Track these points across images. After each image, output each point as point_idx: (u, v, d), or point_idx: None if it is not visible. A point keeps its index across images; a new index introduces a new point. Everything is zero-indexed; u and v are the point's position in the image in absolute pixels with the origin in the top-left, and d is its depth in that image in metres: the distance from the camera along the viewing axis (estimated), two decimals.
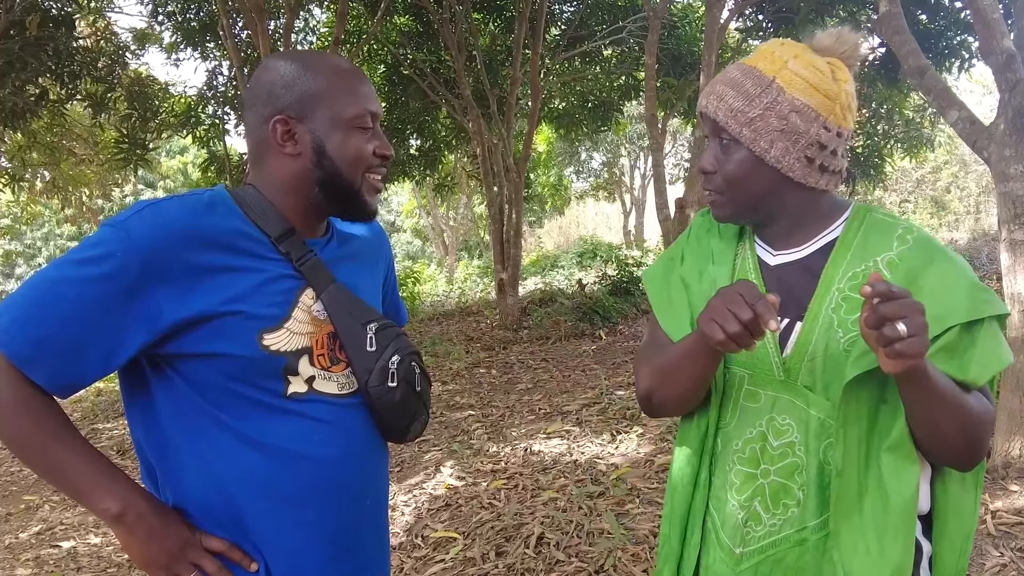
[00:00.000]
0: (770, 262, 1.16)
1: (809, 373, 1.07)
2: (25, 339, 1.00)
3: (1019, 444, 3.23)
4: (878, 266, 1.07)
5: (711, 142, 1.13)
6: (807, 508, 1.06)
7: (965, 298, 1.01)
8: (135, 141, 9.87)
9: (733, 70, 1.11)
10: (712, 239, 1.24)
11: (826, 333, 1.06)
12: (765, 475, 1.08)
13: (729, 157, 1.10)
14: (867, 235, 1.11)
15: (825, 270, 1.10)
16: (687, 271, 1.23)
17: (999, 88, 3.35)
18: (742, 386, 1.13)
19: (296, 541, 1.12)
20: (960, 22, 7.62)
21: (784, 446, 1.08)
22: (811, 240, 1.14)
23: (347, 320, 1.16)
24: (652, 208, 8.68)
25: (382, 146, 1.18)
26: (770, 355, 1.09)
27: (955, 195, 15.87)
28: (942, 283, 1.03)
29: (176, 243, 1.04)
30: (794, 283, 1.12)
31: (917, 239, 1.08)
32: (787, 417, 1.08)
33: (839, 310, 1.06)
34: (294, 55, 1.19)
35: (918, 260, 1.05)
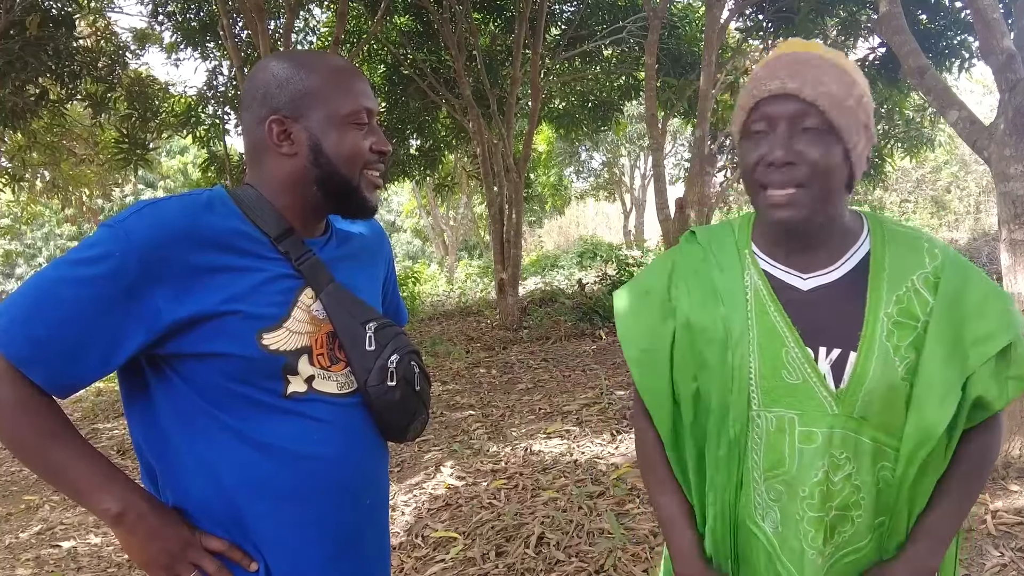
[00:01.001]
0: (802, 287, 1.08)
1: (866, 405, 1.03)
2: (24, 339, 1.00)
3: (1019, 444, 3.23)
4: (916, 286, 1.04)
5: (785, 129, 1.00)
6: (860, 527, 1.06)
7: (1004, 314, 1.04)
8: (135, 141, 9.87)
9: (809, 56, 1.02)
10: (712, 272, 1.13)
11: (884, 363, 1.01)
12: (828, 512, 1.05)
13: (816, 146, 0.99)
14: (896, 251, 1.07)
15: (869, 295, 1.04)
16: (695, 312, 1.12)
17: (999, 88, 3.35)
18: (794, 428, 1.05)
19: (296, 541, 1.12)
20: (960, 22, 7.63)
21: (843, 480, 1.04)
22: (841, 258, 1.08)
23: (346, 319, 1.16)
24: (652, 208, 8.68)
25: (379, 142, 1.18)
26: (817, 391, 1.04)
27: (955, 195, 15.87)
28: (982, 302, 1.04)
29: (175, 243, 1.04)
30: (836, 309, 1.05)
31: (945, 254, 1.07)
32: (843, 451, 1.04)
33: (892, 337, 1.02)
34: (289, 55, 1.19)
35: (955, 278, 1.04)
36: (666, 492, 1.19)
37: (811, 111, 0.99)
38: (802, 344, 1.05)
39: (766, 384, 1.06)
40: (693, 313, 1.12)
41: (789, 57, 1.02)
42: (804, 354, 1.05)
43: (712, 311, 1.10)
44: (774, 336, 1.06)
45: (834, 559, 1.06)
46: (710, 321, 1.10)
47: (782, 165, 1.00)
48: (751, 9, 8.35)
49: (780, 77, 1.00)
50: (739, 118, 1.06)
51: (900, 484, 1.04)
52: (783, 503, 1.06)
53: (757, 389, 1.06)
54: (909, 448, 1.02)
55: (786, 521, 1.06)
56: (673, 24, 9.83)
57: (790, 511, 1.05)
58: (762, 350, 1.06)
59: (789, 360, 1.05)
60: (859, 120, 1.02)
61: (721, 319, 1.09)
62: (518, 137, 11.95)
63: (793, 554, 1.06)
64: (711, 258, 1.14)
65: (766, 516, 1.08)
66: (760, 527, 1.09)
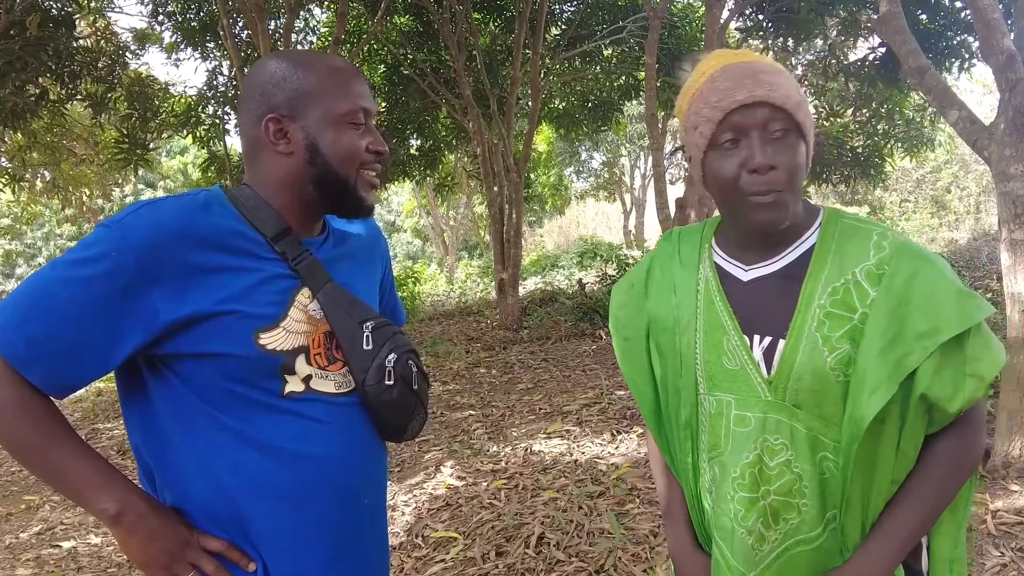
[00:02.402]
0: (743, 278, 1.12)
1: (796, 392, 1.05)
2: (22, 340, 1.00)
3: (1019, 444, 3.23)
4: (856, 278, 1.04)
5: (758, 136, 1.02)
6: (807, 517, 1.06)
7: (954, 306, 1.00)
8: (135, 141, 9.87)
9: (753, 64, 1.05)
10: (674, 267, 1.20)
11: (811, 352, 1.03)
12: (765, 496, 1.07)
13: (788, 149, 1.03)
14: (843, 244, 1.08)
15: (805, 285, 1.07)
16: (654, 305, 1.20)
17: (999, 88, 3.35)
18: (730, 411, 1.09)
19: (295, 540, 1.12)
20: (960, 22, 7.62)
21: (780, 465, 1.06)
22: (787, 249, 1.10)
23: (343, 319, 1.16)
24: (652, 208, 8.68)
25: (375, 142, 1.18)
26: (752, 377, 1.07)
27: (955, 195, 15.86)
28: (929, 295, 1.01)
29: (172, 243, 1.04)
30: (771, 298, 1.09)
31: (894, 245, 1.05)
32: (779, 436, 1.06)
33: (823, 327, 1.04)
34: (287, 54, 1.19)
35: (903, 270, 1.03)
36: (663, 479, 1.27)
37: (779, 115, 1.02)
38: (740, 332, 1.10)
39: (709, 369, 1.12)
40: (652, 305, 1.21)
41: (742, 67, 1.04)
42: (742, 341, 1.09)
43: (667, 302, 1.18)
44: (717, 324, 1.12)
45: (784, 547, 1.07)
46: (664, 311, 1.18)
47: (766, 171, 1.02)
48: (751, 9, 8.34)
49: (746, 87, 1.02)
50: (705, 131, 1.05)
51: (843, 477, 1.04)
52: (717, 482, 1.11)
53: (703, 374, 1.13)
54: (844, 440, 1.03)
55: (719, 500, 1.11)
56: (673, 24, 9.83)
57: (723, 491, 1.10)
58: (706, 337, 1.12)
59: (729, 347, 1.10)
60: (808, 117, 1.06)
61: (672, 308, 1.17)
62: (518, 137, 11.96)
63: (724, 532, 1.10)
64: (676, 255, 1.21)
65: (709, 495, 1.14)
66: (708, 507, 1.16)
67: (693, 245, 1.20)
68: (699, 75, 1.09)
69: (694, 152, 1.09)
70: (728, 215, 1.13)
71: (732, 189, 1.05)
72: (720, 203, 1.11)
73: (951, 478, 1.06)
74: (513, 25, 9.76)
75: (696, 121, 1.07)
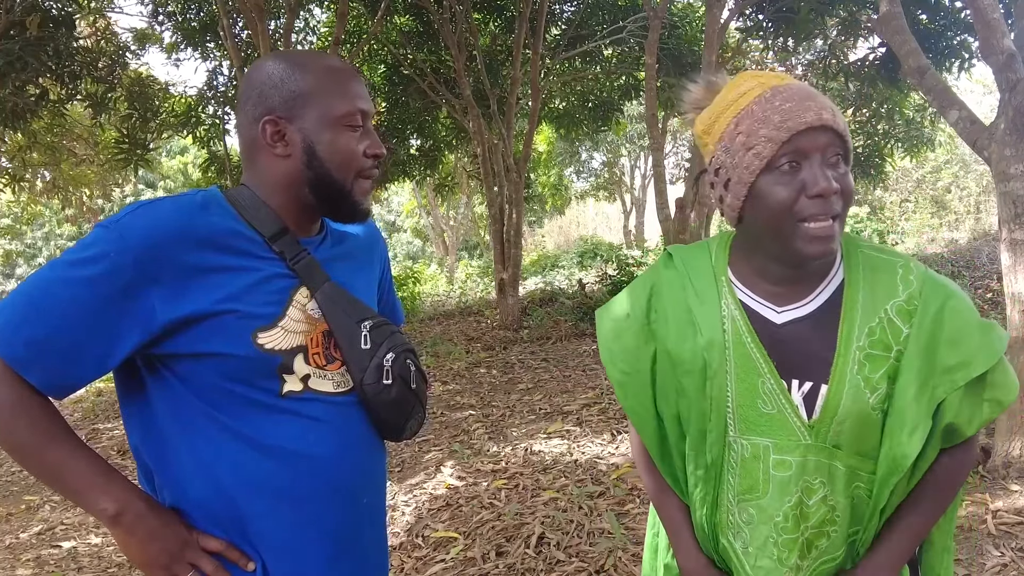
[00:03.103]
0: (776, 320, 1.08)
1: (838, 435, 1.05)
2: (20, 341, 1.00)
3: (1019, 444, 3.23)
4: (889, 315, 1.04)
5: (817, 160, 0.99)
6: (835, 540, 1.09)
7: (980, 342, 1.03)
8: (135, 141, 9.87)
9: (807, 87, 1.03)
10: (689, 300, 1.13)
11: (855, 396, 1.03)
12: (804, 532, 1.08)
13: (843, 175, 1.00)
14: (870, 279, 1.07)
15: (841, 328, 1.05)
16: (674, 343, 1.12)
17: (999, 88, 3.35)
18: (768, 456, 1.07)
19: (294, 540, 1.12)
20: (960, 22, 7.62)
21: (818, 503, 1.07)
22: (816, 289, 1.08)
23: (341, 318, 1.16)
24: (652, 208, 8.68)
25: (372, 145, 1.17)
26: (791, 421, 1.06)
27: (955, 195, 15.85)
28: (958, 330, 1.03)
29: (170, 243, 1.04)
30: (808, 341, 1.06)
31: (920, 279, 1.06)
32: (817, 476, 1.06)
33: (863, 369, 1.04)
34: (285, 55, 1.19)
35: (932, 305, 1.04)
36: (665, 491, 1.23)
37: (836, 141, 1.00)
38: (777, 376, 1.07)
39: (742, 413, 1.08)
40: (672, 343, 1.13)
41: (798, 89, 1.01)
42: (779, 386, 1.07)
43: (691, 342, 1.11)
44: (751, 367, 1.07)
45: (813, 570, 1.10)
46: (689, 353, 1.11)
47: (831, 195, 0.98)
48: (751, 9, 8.34)
49: (812, 109, 0.98)
50: (764, 151, 1.00)
51: (875, 501, 1.08)
52: (754, 525, 1.09)
53: (734, 417, 1.09)
54: (882, 474, 1.05)
55: (756, 541, 1.09)
56: (673, 24, 9.83)
57: (761, 533, 1.08)
58: (739, 380, 1.08)
59: (765, 391, 1.07)
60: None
61: (701, 351, 1.10)
62: (518, 137, 11.95)
63: (763, 571, 1.09)
64: (688, 285, 1.14)
65: (737, 535, 1.11)
66: (732, 544, 1.13)
67: (706, 275, 1.14)
68: (739, 95, 1.05)
69: (742, 175, 1.02)
70: (773, 242, 1.05)
71: (786, 214, 1.00)
72: (765, 230, 1.04)
73: (952, 489, 1.11)
74: (513, 25, 9.76)
75: (752, 142, 1.01)
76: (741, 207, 1.05)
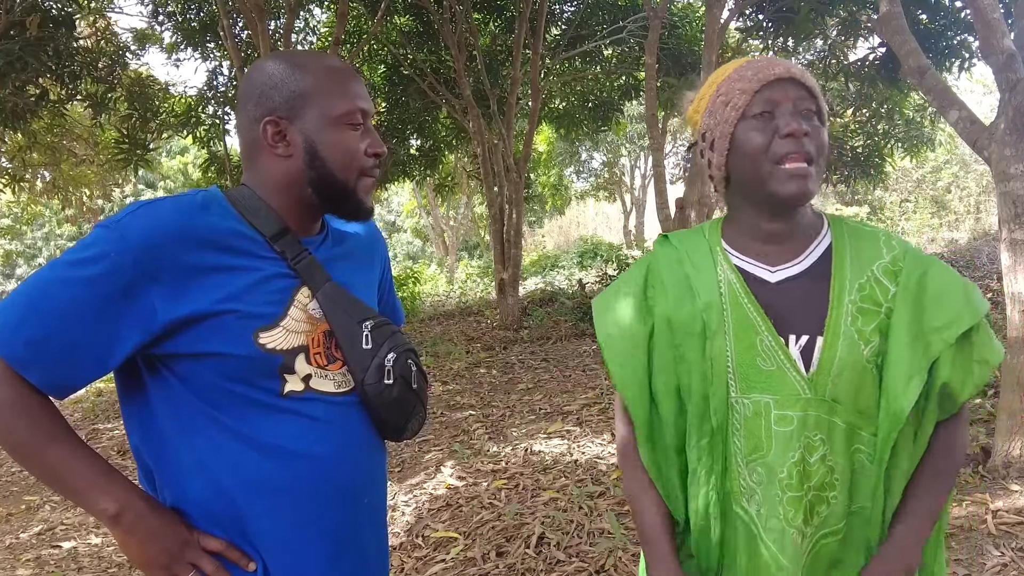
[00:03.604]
0: (770, 279, 1.13)
1: (836, 387, 1.08)
2: (20, 341, 1.00)
3: (1019, 444, 3.23)
4: (876, 275, 1.11)
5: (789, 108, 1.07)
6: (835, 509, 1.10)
7: (964, 301, 1.09)
8: (135, 141, 9.87)
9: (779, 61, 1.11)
10: (686, 270, 1.17)
11: (850, 347, 1.07)
12: (807, 493, 1.09)
13: (815, 126, 1.08)
14: (855, 244, 1.14)
15: (833, 283, 1.10)
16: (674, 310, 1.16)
17: (999, 88, 3.35)
18: (769, 412, 1.09)
19: (295, 540, 1.12)
20: (960, 22, 7.62)
21: (818, 461, 1.09)
22: (805, 251, 1.14)
23: (342, 318, 1.16)
24: (652, 208, 8.67)
25: (373, 143, 1.18)
26: (790, 376, 1.09)
27: (955, 195, 15.84)
28: (942, 289, 1.09)
29: (170, 243, 1.04)
30: (802, 297, 1.11)
31: (902, 245, 1.14)
32: (818, 432, 1.08)
33: (856, 322, 1.08)
34: (284, 55, 1.19)
35: (915, 268, 1.11)
36: (646, 490, 1.21)
37: (806, 95, 1.08)
38: (775, 332, 1.10)
39: (743, 372, 1.11)
40: (671, 310, 1.16)
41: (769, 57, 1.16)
42: (777, 342, 1.10)
43: (690, 306, 1.15)
44: (748, 326, 1.11)
45: (814, 540, 1.10)
46: (688, 316, 1.15)
47: (802, 135, 1.06)
48: (751, 9, 8.34)
49: (780, 64, 1.08)
50: (738, 102, 1.09)
51: (878, 468, 1.09)
52: (764, 485, 1.10)
53: (735, 377, 1.12)
54: (883, 434, 1.08)
55: (767, 502, 1.10)
56: (673, 24, 9.83)
57: (770, 493, 1.10)
58: (737, 340, 1.11)
59: (763, 348, 1.10)
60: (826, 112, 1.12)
61: (699, 312, 1.14)
62: (518, 137, 11.95)
63: (774, 533, 1.09)
64: (685, 258, 1.19)
65: (751, 499, 1.12)
66: (746, 510, 1.13)
67: (700, 247, 1.18)
68: (722, 73, 1.15)
69: (723, 128, 1.11)
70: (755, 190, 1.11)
71: (762, 155, 1.08)
72: (746, 179, 1.11)
73: (952, 467, 1.14)
74: (513, 25, 9.76)
75: (729, 97, 1.10)
76: (726, 163, 1.13)
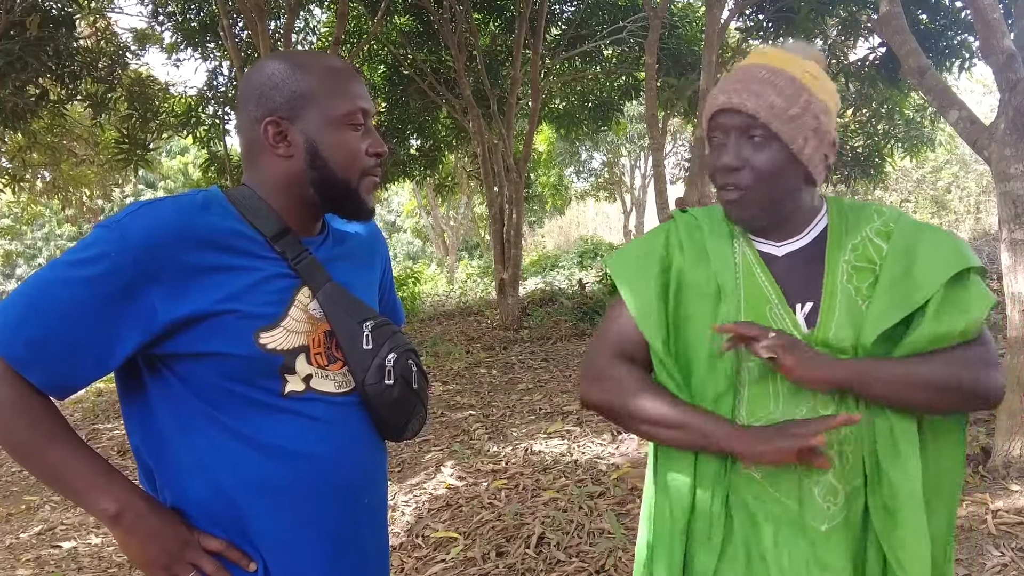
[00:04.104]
0: (777, 253, 1.19)
1: (839, 342, 1.11)
2: (20, 341, 1.00)
3: (1019, 444, 3.23)
4: (869, 236, 1.16)
5: (735, 138, 1.12)
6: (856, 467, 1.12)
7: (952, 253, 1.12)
8: (135, 141, 9.87)
9: (759, 70, 1.13)
10: (704, 238, 1.23)
11: (848, 303, 1.12)
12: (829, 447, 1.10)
13: (760, 153, 1.11)
14: (848, 216, 1.20)
15: (828, 250, 1.16)
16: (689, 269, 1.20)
17: (999, 88, 3.35)
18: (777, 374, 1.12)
19: (295, 540, 1.12)
20: (960, 22, 7.62)
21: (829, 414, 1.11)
22: (806, 229, 1.19)
23: (343, 318, 1.16)
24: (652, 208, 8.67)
25: (374, 144, 1.18)
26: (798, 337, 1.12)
27: (955, 195, 15.85)
28: (933, 241, 1.14)
29: (170, 243, 1.04)
30: (805, 267, 1.17)
31: (894, 211, 1.20)
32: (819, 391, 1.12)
33: (852, 279, 1.14)
34: (285, 55, 1.19)
35: (907, 231, 1.16)
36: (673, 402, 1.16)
37: (754, 122, 1.11)
38: (785, 302, 1.16)
39: None
40: (687, 269, 1.21)
41: (742, 72, 1.14)
42: (787, 311, 1.16)
43: (705, 269, 1.20)
44: (760, 296, 1.17)
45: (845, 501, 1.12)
46: (703, 278, 1.19)
47: (728, 171, 1.13)
48: (751, 9, 8.34)
49: (728, 92, 1.12)
50: (703, 125, 1.20)
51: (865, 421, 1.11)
52: None
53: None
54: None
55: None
56: (673, 24, 9.83)
57: None
58: (748, 308, 1.16)
59: (773, 316, 1.15)
60: (805, 125, 1.11)
61: (714, 275, 1.19)
62: (518, 137, 11.95)
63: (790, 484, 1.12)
64: (704, 227, 1.24)
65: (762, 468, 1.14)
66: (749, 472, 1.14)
67: (718, 220, 1.24)
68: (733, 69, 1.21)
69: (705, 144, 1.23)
70: None
71: (713, 180, 1.18)
72: None
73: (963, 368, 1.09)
74: (513, 25, 9.76)
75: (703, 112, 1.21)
76: None
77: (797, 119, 1.10)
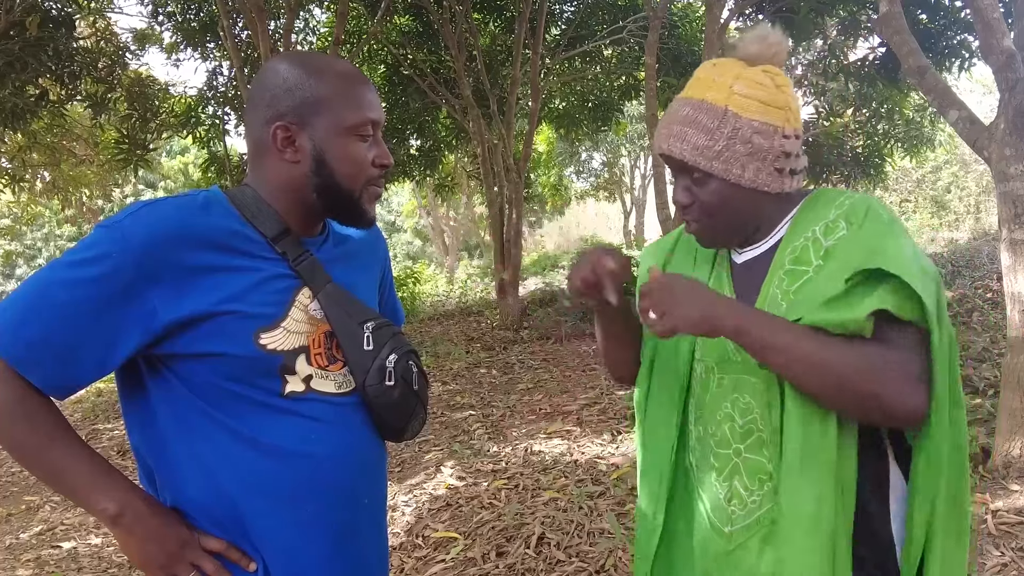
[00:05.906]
0: (737, 260, 1.23)
1: None
2: (21, 341, 1.01)
3: (1019, 444, 3.23)
4: (815, 235, 1.12)
5: (679, 179, 1.16)
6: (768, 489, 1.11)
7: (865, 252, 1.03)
8: (135, 141, 9.86)
9: (683, 107, 1.13)
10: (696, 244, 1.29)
11: (773, 308, 1.11)
12: (738, 454, 1.14)
13: (703, 189, 1.13)
14: (809, 213, 1.15)
15: (776, 255, 1.16)
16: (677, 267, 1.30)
17: (999, 88, 3.35)
18: (712, 375, 1.18)
19: (294, 540, 1.12)
20: (960, 22, 7.62)
21: (748, 423, 1.13)
22: (769, 235, 1.19)
23: (344, 319, 1.16)
24: (652, 208, 8.67)
25: (381, 155, 1.18)
26: (727, 342, 1.14)
27: (955, 195, 15.85)
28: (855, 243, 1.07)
29: (171, 243, 1.04)
30: (755, 274, 1.19)
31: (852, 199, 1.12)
32: (747, 395, 1.13)
33: (781, 284, 1.13)
34: (298, 58, 1.18)
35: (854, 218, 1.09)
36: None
37: (686, 166, 1.13)
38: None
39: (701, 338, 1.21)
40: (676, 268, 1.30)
41: (671, 112, 1.15)
42: None
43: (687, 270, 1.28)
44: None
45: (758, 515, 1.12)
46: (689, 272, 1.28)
47: (681, 209, 1.17)
48: (751, 9, 8.34)
49: (659, 138, 1.15)
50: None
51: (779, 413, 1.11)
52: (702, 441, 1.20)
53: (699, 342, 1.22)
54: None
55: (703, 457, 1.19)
56: (673, 24, 9.82)
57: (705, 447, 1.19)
58: None
59: None
60: (736, 154, 1.09)
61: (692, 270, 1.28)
62: (518, 137, 11.94)
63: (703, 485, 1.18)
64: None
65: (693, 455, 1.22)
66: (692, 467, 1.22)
67: None
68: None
69: None
70: None
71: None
72: None
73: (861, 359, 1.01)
74: (513, 25, 9.75)
75: None
76: None
77: (725, 152, 1.09)
